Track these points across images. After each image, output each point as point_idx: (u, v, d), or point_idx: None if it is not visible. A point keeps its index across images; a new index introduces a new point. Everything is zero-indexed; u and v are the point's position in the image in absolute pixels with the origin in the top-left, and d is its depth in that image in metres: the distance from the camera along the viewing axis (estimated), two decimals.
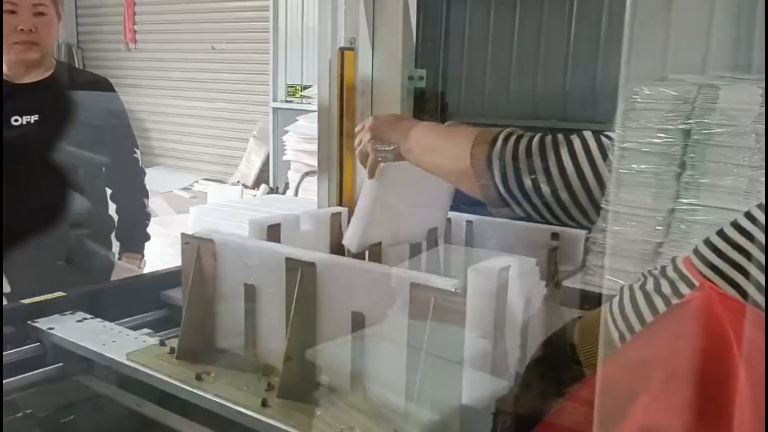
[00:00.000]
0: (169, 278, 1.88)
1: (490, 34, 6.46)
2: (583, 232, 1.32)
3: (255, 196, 7.62)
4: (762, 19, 1.08)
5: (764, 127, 1.07)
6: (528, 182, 1.22)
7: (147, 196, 2.50)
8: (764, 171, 1.06)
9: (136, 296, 1.81)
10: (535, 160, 1.22)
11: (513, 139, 1.26)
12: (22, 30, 2.07)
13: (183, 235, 1.40)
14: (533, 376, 1.21)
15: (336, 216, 1.69)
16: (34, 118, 2.10)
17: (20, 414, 1.41)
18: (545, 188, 1.21)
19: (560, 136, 1.26)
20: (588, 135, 1.25)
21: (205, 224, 4.90)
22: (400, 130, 1.43)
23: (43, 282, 1.90)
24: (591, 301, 1.25)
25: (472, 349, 1.12)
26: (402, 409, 1.09)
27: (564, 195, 1.21)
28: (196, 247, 1.36)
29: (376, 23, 1.79)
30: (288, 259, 1.22)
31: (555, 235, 1.61)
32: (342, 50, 1.82)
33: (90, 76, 2.36)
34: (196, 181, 9.36)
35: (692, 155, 1.13)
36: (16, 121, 2.08)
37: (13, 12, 2.05)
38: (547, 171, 1.21)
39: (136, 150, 2.44)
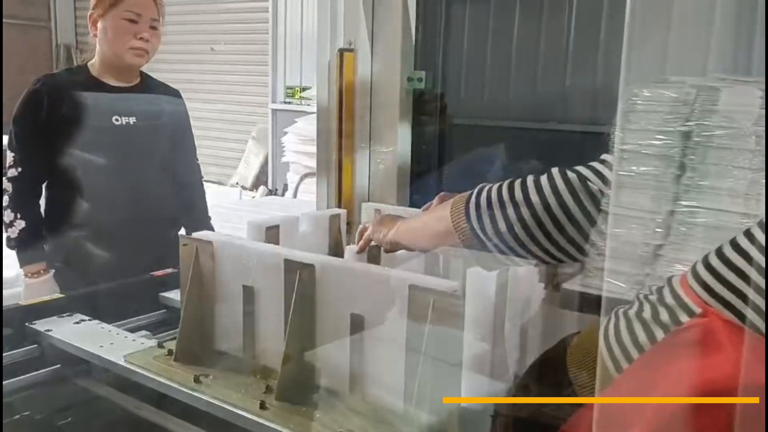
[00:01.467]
0: (167, 280, 1.87)
1: (489, 35, 6.46)
2: None
3: (254, 197, 7.61)
4: (762, 21, 1.08)
5: (764, 129, 1.07)
6: (501, 224, 1.21)
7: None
8: (764, 173, 1.05)
9: (134, 298, 1.80)
10: (505, 202, 1.23)
11: (486, 189, 1.28)
12: (141, 38, 2.27)
13: (181, 236, 1.40)
14: (532, 378, 1.21)
15: (335, 217, 1.68)
16: (132, 119, 2.27)
17: (17, 416, 1.40)
18: (516, 226, 1.20)
19: (529, 177, 1.27)
20: (555, 172, 1.25)
21: None
22: (391, 224, 1.51)
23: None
24: (590, 304, 1.24)
25: (471, 351, 1.12)
26: (401, 411, 1.08)
27: (535, 230, 1.20)
28: (195, 248, 1.35)
29: (376, 25, 1.78)
30: (287, 261, 1.21)
31: None
32: (341, 51, 1.81)
33: (164, 84, 2.56)
34: None
35: (692, 157, 1.13)
36: (117, 120, 2.24)
37: (134, 21, 2.25)
38: (516, 209, 1.21)
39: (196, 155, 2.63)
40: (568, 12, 6.02)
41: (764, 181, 1.06)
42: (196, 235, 1.38)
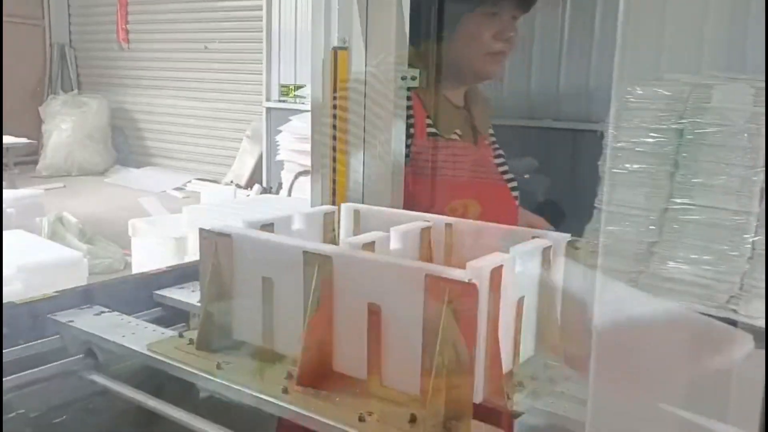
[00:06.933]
0: (161, 278, 1.87)
1: None
2: (565, 235, 1.31)
3: (248, 195, 7.61)
4: (756, 19, 1.09)
5: (757, 126, 1.07)
6: None
7: None
8: (757, 171, 1.06)
9: (128, 295, 1.80)
10: None
11: None
12: None
13: (201, 230, 1.42)
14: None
15: (329, 215, 1.68)
16: None
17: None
18: None
19: None
20: None
21: (199, 224, 4.88)
22: None
23: None
24: None
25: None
26: (417, 395, 1.12)
27: None
28: (214, 241, 1.38)
29: (370, 22, 1.78)
30: (305, 253, 1.25)
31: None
32: (335, 50, 1.81)
33: None
34: (189, 181, 9.35)
35: (685, 155, 1.13)
36: None
37: None
38: None
39: None
40: (563, 10, 6.02)
41: (757, 178, 1.07)
42: (215, 228, 1.41)
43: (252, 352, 1.36)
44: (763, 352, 0.91)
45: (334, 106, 1.82)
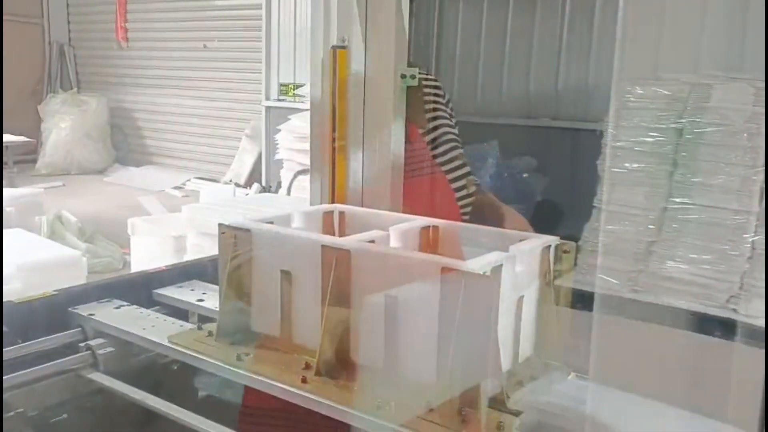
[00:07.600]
0: (160, 277, 1.87)
1: (482, 32, 6.47)
2: (553, 238, 1.31)
3: (247, 194, 7.60)
4: (756, 19, 1.08)
5: (757, 126, 1.07)
6: None
7: None
8: (760, 170, 1.06)
9: (127, 294, 1.80)
10: None
11: None
12: None
13: (220, 224, 1.45)
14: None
15: (328, 214, 1.69)
16: None
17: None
18: None
19: None
20: None
21: (198, 223, 4.88)
22: None
23: None
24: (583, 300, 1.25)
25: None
26: (433, 384, 1.14)
27: None
28: (233, 236, 1.41)
29: (369, 21, 1.78)
30: (324, 247, 1.27)
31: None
32: (334, 48, 1.81)
33: None
34: (189, 180, 9.34)
35: (684, 154, 1.13)
36: None
37: None
38: None
39: None
40: (562, 9, 6.02)
41: (756, 178, 1.06)
42: (233, 223, 1.43)
43: (271, 344, 1.39)
44: (763, 352, 0.91)
45: (334, 105, 1.82)
